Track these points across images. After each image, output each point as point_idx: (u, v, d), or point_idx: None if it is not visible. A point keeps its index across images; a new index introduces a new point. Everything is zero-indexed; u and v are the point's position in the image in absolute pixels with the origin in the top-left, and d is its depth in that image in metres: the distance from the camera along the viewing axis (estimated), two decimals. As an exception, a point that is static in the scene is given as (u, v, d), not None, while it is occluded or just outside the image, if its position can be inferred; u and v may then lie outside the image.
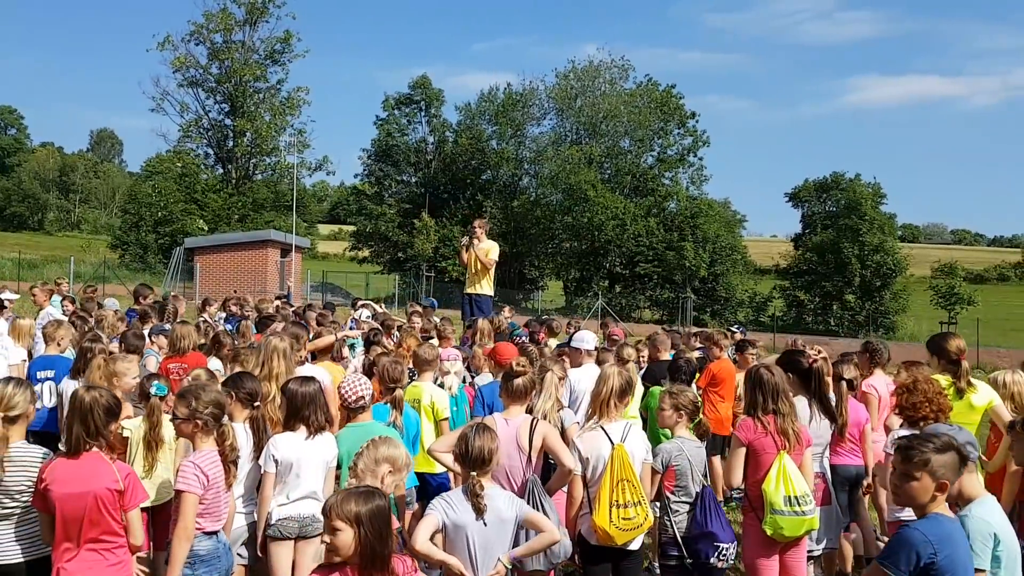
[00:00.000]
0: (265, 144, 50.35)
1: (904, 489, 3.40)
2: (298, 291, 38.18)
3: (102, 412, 4.22)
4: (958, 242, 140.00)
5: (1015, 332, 48.27)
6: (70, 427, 4.22)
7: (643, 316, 47.86)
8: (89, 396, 4.23)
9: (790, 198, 67.58)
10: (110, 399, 4.30)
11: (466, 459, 4.06)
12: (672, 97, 53.36)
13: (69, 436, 4.20)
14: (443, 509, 3.96)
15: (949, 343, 5.97)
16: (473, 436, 4.09)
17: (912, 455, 3.39)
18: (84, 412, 4.19)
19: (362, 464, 4.04)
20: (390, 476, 4.05)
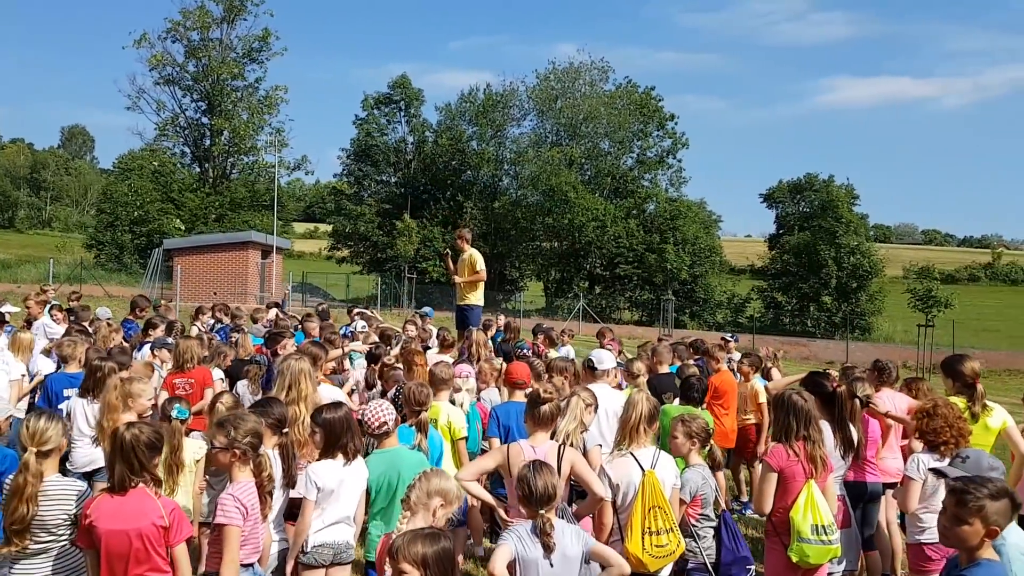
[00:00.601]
0: (243, 143, 49.95)
1: (955, 532, 3.43)
2: (280, 291, 38.01)
3: (144, 449, 4.20)
4: (929, 242, 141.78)
5: (986, 332, 49.15)
6: (112, 466, 4.20)
7: (623, 317, 48.08)
8: (130, 434, 4.20)
9: (765, 199, 68.29)
10: (151, 435, 4.27)
11: (531, 499, 4.02)
12: (651, 99, 53.63)
13: (112, 474, 4.18)
14: (514, 542, 3.94)
15: (964, 365, 6.04)
16: (534, 476, 4.05)
17: (967, 500, 3.42)
18: (127, 451, 4.16)
19: (415, 496, 4.02)
20: (442, 509, 4.04)
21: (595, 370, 6.83)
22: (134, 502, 4.12)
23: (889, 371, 6.86)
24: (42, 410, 4.81)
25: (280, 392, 5.85)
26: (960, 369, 6.02)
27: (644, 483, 4.84)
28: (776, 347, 26.58)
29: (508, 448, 4.97)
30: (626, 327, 39.54)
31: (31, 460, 4.33)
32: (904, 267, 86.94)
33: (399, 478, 5.06)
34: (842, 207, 51.30)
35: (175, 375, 7.96)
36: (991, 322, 56.77)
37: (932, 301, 32.61)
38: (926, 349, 31.65)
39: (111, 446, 4.29)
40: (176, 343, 8.36)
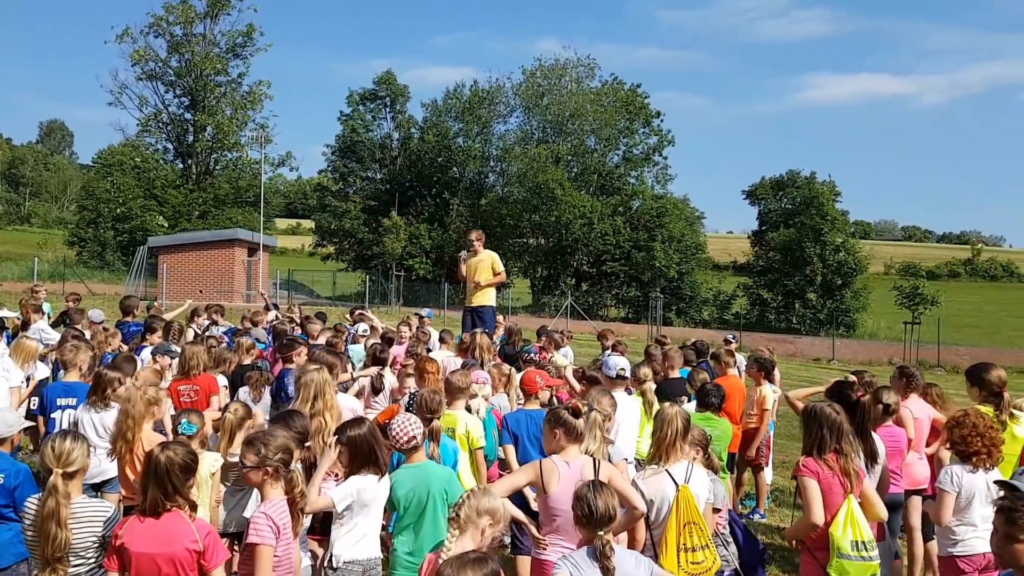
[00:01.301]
0: (226, 139, 49.61)
1: (1008, 551, 3.37)
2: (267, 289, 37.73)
3: (179, 471, 4.10)
4: (909, 239, 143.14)
5: (968, 328, 49.69)
6: (145, 488, 4.09)
7: (609, 314, 48.20)
8: (164, 456, 4.09)
9: (747, 195, 68.71)
10: (185, 456, 4.17)
11: (591, 520, 3.90)
12: (637, 96, 53.68)
13: (144, 497, 4.08)
14: (569, 570, 3.81)
15: (991, 374, 6.03)
16: (594, 496, 3.94)
17: (1016, 518, 3.36)
18: (161, 474, 4.06)
19: (464, 514, 3.94)
20: (490, 528, 3.98)
21: (618, 378, 6.77)
22: (167, 525, 4.03)
23: (916, 378, 6.79)
24: (66, 430, 4.69)
25: (304, 404, 5.76)
26: (987, 378, 6.01)
27: (679, 498, 4.78)
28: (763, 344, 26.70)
29: (541, 464, 4.85)
30: (613, 324, 39.57)
31: (59, 482, 4.22)
32: (885, 263, 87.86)
33: (428, 494, 4.98)
34: (826, 204, 51.65)
35: (180, 382, 7.81)
36: (971, 318, 57.44)
37: (919, 299, 32.86)
38: (911, 346, 31.94)
39: (144, 467, 4.19)
40: (183, 348, 8.20)
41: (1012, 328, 54.47)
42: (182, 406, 7.40)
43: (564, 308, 39.03)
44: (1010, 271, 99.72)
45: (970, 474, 5.07)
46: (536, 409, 6.62)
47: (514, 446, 6.37)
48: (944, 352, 34.73)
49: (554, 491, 4.70)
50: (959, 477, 5.08)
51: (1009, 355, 36.85)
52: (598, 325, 37.31)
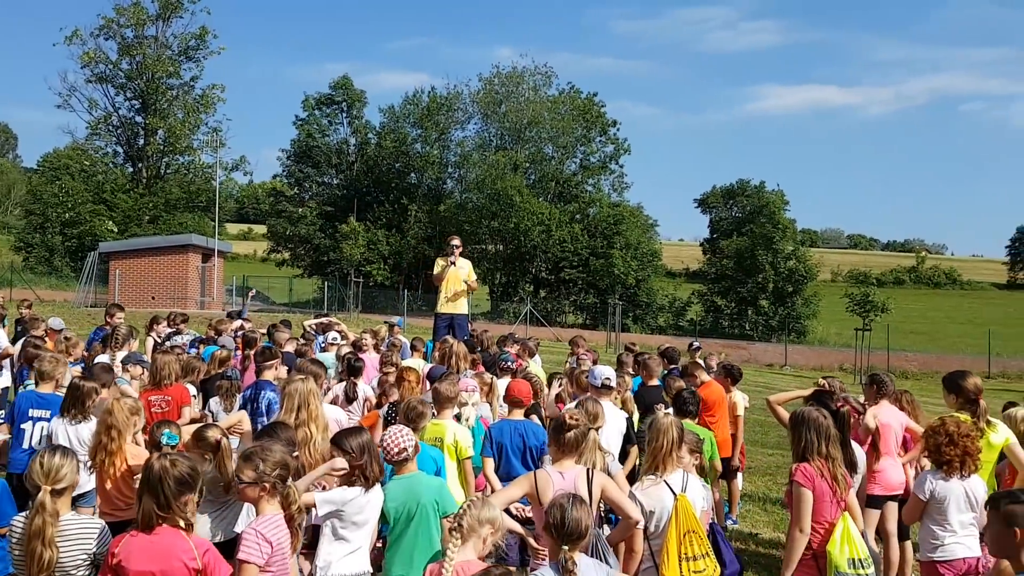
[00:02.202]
0: (178, 143, 48.78)
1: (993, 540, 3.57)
2: (220, 295, 37.13)
3: (173, 483, 3.95)
4: (854, 246, 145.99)
5: (914, 335, 50.96)
6: (140, 499, 3.98)
7: (567, 320, 48.44)
8: (159, 465, 3.97)
9: (699, 203, 69.80)
10: (185, 469, 4.03)
11: (559, 532, 3.84)
12: (594, 105, 54.16)
13: (139, 509, 3.97)
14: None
15: (967, 381, 6.17)
16: (570, 508, 3.88)
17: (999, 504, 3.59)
18: (154, 483, 3.93)
19: (467, 524, 3.98)
20: (491, 537, 4.04)
21: (603, 387, 6.83)
22: (164, 541, 3.91)
23: (887, 384, 6.93)
24: (55, 446, 4.56)
25: (289, 415, 5.70)
26: (963, 385, 6.15)
27: (677, 508, 4.83)
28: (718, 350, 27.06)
29: (535, 475, 4.88)
30: (571, 330, 39.81)
31: (46, 500, 4.10)
32: (833, 271, 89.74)
33: (419, 506, 4.96)
34: (777, 212, 52.68)
35: (151, 392, 7.64)
36: (917, 324, 58.89)
37: (869, 306, 33.69)
38: (862, 352, 32.70)
39: (142, 478, 4.10)
40: (154, 358, 8.04)
41: (956, 334, 56.03)
42: (154, 417, 7.23)
43: (523, 315, 39.12)
44: (953, 278, 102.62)
45: (944, 481, 5.19)
46: (520, 420, 6.65)
47: (498, 456, 6.37)
48: (893, 358, 35.62)
49: (549, 502, 4.74)
50: (933, 484, 5.20)
51: (955, 361, 37.89)
52: (557, 332, 37.51)
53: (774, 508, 9.99)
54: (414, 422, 5.96)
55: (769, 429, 14.74)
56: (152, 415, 7.30)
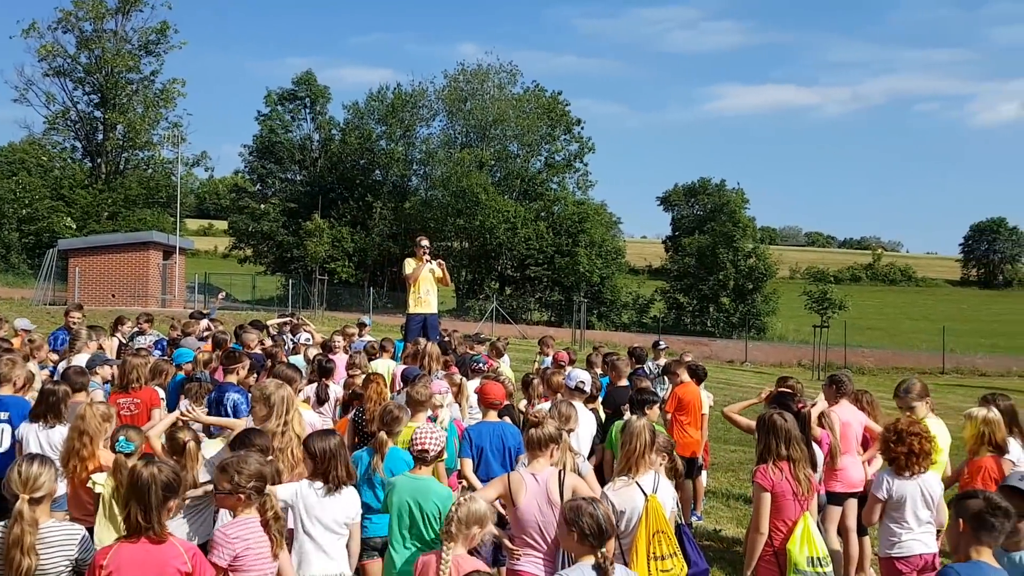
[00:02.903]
0: (138, 138, 48.00)
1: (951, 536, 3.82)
2: (182, 293, 36.68)
3: (160, 489, 3.99)
4: (812, 244, 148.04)
5: (870, 331, 52.01)
6: (127, 504, 4.02)
7: (533, 318, 48.66)
8: (148, 472, 4.01)
9: (661, 202, 70.56)
10: (169, 475, 4.09)
11: (599, 537, 3.88)
12: (558, 103, 54.42)
13: (127, 517, 4.01)
14: None
15: (915, 386, 6.48)
16: (598, 512, 3.94)
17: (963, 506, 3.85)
18: (142, 490, 3.96)
19: (455, 528, 4.14)
20: (480, 534, 4.23)
21: (577, 390, 6.99)
22: (155, 548, 3.95)
23: (845, 384, 7.15)
24: (33, 455, 4.56)
25: (277, 420, 5.75)
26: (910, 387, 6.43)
27: (647, 508, 4.96)
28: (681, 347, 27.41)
29: (509, 477, 4.99)
30: (537, 328, 40.01)
31: (24, 509, 4.09)
32: (791, 268, 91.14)
33: (422, 510, 5.01)
34: (737, 211, 53.43)
35: (119, 395, 7.58)
36: (873, 321, 60.05)
37: (827, 303, 34.39)
38: (820, 348, 33.38)
39: (127, 485, 4.14)
40: (124, 360, 7.98)
41: (911, 330, 57.30)
42: (122, 420, 7.15)
43: (489, 312, 39.23)
44: (908, 275, 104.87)
45: (902, 480, 5.38)
46: (497, 421, 6.77)
47: (478, 458, 6.46)
48: (850, 354, 36.40)
49: (522, 503, 4.84)
50: (891, 483, 5.39)
51: (910, 356, 38.90)
52: (522, 329, 37.68)
53: (737, 504, 10.22)
54: (389, 426, 6.02)
55: (731, 426, 15.02)
56: (121, 418, 7.24)
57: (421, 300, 12.25)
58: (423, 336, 11.55)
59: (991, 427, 5.52)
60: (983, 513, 3.85)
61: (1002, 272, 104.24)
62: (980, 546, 3.84)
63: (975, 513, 3.86)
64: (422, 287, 12.23)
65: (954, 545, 4.00)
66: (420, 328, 12.02)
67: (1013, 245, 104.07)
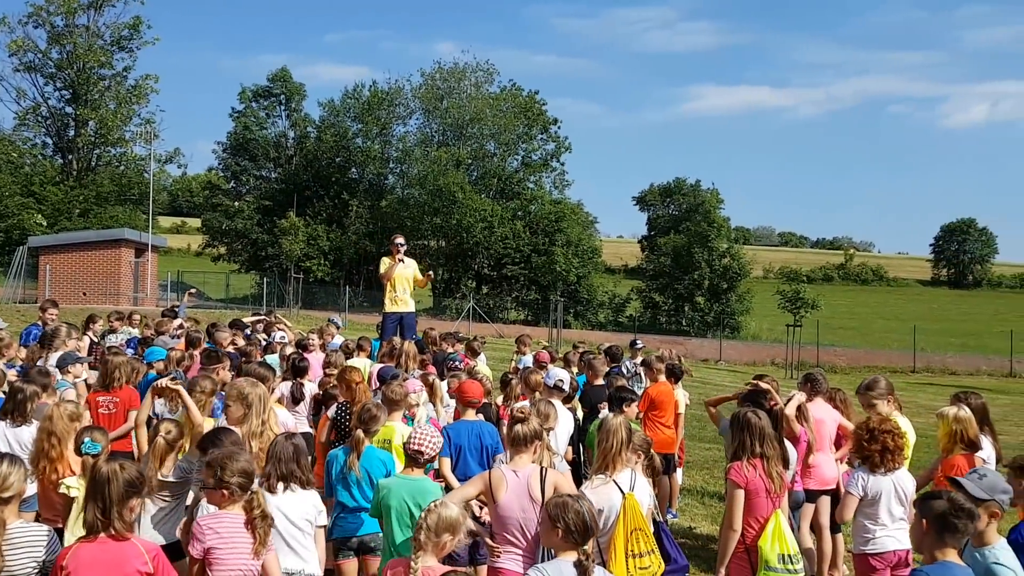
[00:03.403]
0: (110, 134, 47.44)
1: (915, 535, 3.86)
2: (155, 292, 36.31)
3: (122, 487, 3.93)
4: (785, 244, 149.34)
5: (842, 330, 52.61)
6: (86, 506, 3.97)
7: (509, 317, 48.72)
8: (108, 469, 3.95)
9: (637, 201, 70.96)
10: (133, 473, 4.02)
11: (581, 532, 3.92)
12: (535, 103, 54.50)
13: (86, 515, 3.96)
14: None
15: (880, 384, 6.56)
16: (583, 508, 3.97)
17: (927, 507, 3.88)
18: (101, 488, 3.91)
19: (423, 536, 3.99)
20: (451, 543, 4.06)
21: (556, 388, 7.01)
22: (115, 548, 3.89)
23: (820, 383, 7.22)
24: (2, 453, 4.50)
25: (256, 420, 5.71)
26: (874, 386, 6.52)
27: (625, 506, 4.99)
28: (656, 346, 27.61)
29: (490, 474, 5.00)
30: (513, 327, 40.04)
31: None
32: (764, 268, 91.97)
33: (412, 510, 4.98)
34: (712, 211, 53.83)
35: (99, 393, 7.50)
36: (845, 320, 60.72)
37: (800, 302, 34.76)
38: (793, 347, 33.75)
39: (88, 481, 4.10)
40: (107, 359, 7.90)
41: (883, 329, 57.99)
42: (100, 418, 7.20)
43: (466, 311, 39.21)
44: (880, 275, 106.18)
45: (876, 477, 5.43)
46: (475, 420, 6.77)
47: (456, 457, 6.46)
48: (822, 353, 36.82)
49: (503, 500, 4.84)
50: (865, 480, 5.44)
51: (882, 355, 39.44)
52: (499, 328, 37.70)
53: (712, 502, 10.30)
54: (367, 424, 6.00)
55: (706, 424, 15.11)
56: (99, 416, 7.24)
57: (397, 299, 12.22)
58: (399, 335, 11.55)
59: (963, 425, 5.58)
60: (947, 514, 3.86)
61: (972, 272, 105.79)
62: (944, 547, 3.86)
63: (939, 514, 3.88)
64: (398, 286, 12.20)
65: (917, 544, 4.04)
66: (396, 327, 11.99)
67: (983, 246, 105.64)
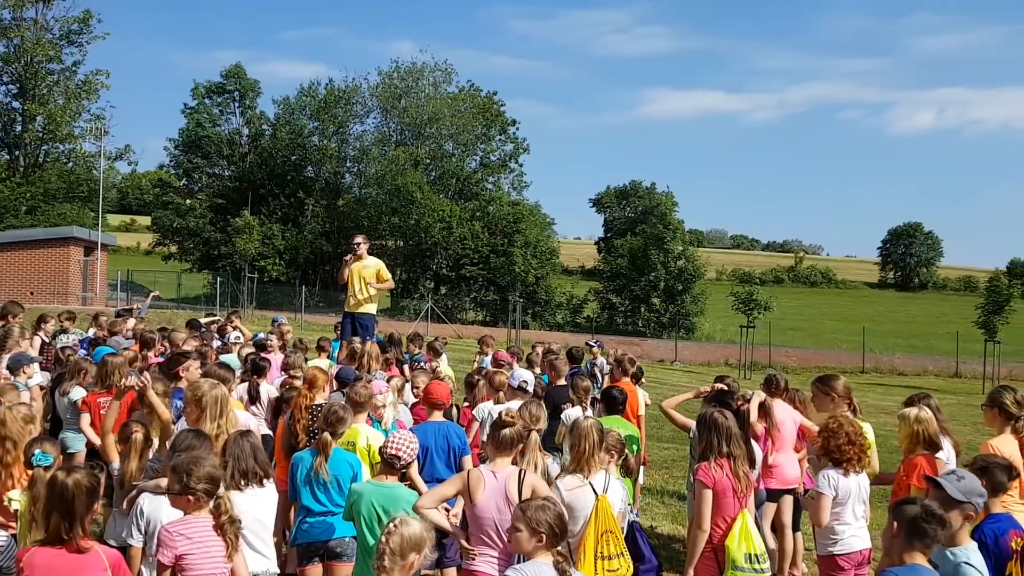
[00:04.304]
0: (59, 130, 46.19)
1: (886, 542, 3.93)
2: (104, 291, 35.52)
3: (86, 497, 3.93)
4: (737, 247, 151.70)
5: (793, 331, 53.58)
6: (48, 514, 3.91)
7: (467, 317, 48.67)
8: (72, 480, 3.92)
9: (594, 203, 71.54)
10: (91, 480, 4.01)
11: (561, 536, 3.94)
12: (493, 104, 54.53)
13: (47, 524, 3.91)
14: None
15: (837, 383, 6.63)
16: (560, 509, 4.00)
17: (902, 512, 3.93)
18: (67, 499, 3.88)
19: (388, 561, 3.72)
20: (417, 560, 3.83)
21: (520, 389, 7.01)
22: (74, 555, 3.87)
23: (778, 383, 7.37)
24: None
25: (213, 423, 5.61)
26: (835, 386, 6.59)
27: (597, 508, 5.01)
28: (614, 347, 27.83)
29: (468, 474, 4.98)
30: (472, 327, 40.01)
31: None
32: (717, 270, 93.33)
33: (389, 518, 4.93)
34: (668, 213, 54.46)
35: (99, 394, 7.43)
36: (795, 322, 61.85)
37: (754, 304, 35.32)
38: (746, 348, 34.32)
39: (48, 495, 4.01)
40: (104, 360, 7.72)
41: (831, 331, 59.19)
42: (101, 419, 7.08)
43: (424, 312, 39.07)
44: (828, 277, 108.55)
45: (844, 477, 5.54)
46: (441, 421, 6.74)
47: (423, 458, 6.40)
48: (774, 353, 37.49)
49: (480, 500, 4.81)
50: (835, 480, 5.52)
51: (832, 356, 40.25)
52: (458, 328, 37.65)
53: (672, 501, 10.40)
54: (333, 426, 5.94)
55: (663, 424, 15.18)
56: (100, 417, 7.16)
57: (351, 298, 12.11)
58: (355, 335, 11.50)
59: (923, 425, 5.69)
60: (918, 519, 3.92)
61: (918, 275, 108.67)
62: (913, 551, 3.92)
63: (911, 519, 3.94)
64: (355, 286, 12.09)
65: (887, 546, 4.10)
66: (350, 327, 11.90)
67: (928, 249, 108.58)
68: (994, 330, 32.01)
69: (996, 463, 4.82)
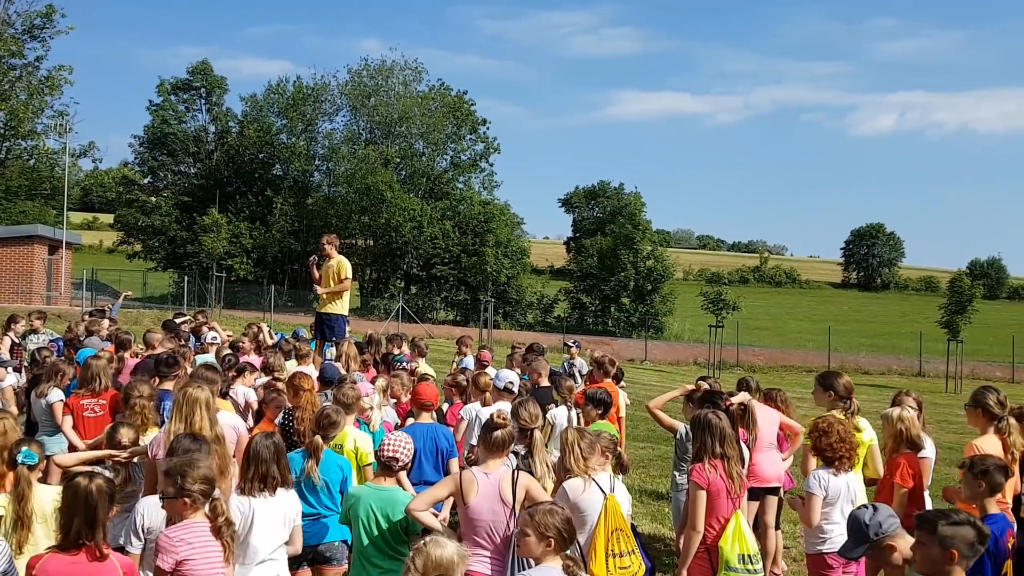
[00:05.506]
0: (21, 126, 45.29)
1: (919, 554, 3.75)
2: (68, 290, 34.94)
3: (106, 501, 3.94)
4: (703, 247, 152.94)
5: (759, 331, 54.17)
6: (69, 519, 3.89)
7: (438, 317, 48.55)
8: (95, 485, 3.92)
9: (563, 203, 71.79)
10: (110, 485, 4.03)
11: (570, 540, 3.96)
12: (464, 103, 54.43)
13: (68, 529, 3.88)
14: None
15: (840, 380, 6.68)
16: (566, 512, 4.03)
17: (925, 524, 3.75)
18: (91, 505, 3.87)
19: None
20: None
21: (505, 390, 7.04)
22: (89, 561, 3.85)
23: (750, 385, 7.45)
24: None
25: (180, 424, 5.53)
26: (836, 384, 6.64)
27: (606, 507, 5.04)
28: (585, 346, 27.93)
29: (461, 476, 4.97)
30: (443, 327, 39.94)
31: None
32: (684, 270, 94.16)
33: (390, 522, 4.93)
34: (637, 214, 54.80)
35: (82, 396, 7.34)
36: (761, 321, 62.54)
37: (722, 304, 35.67)
38: (715, 347, 34.70)
39: (68, 497, 3.98)
40: (87, 362, 7.63)
41: (796, 330, 60.01)
42: (86, 422, 7.18)
43: (395, 311, 38.90)
44: (793, 278, 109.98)
45: (834, 477, 5.63)
46: (430, 423, 6.74)
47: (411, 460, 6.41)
48: (742, 353, 37.94)
49: (473, 502, 4.80)
50: (826, 480, 5.61)
51: (798, 355, 40.76)
52: (429, 328, 37.53)
53: (649, 500, 10.47)
54: (326, 430, 5.90)
55: (639, 423, 15.36)
56: (83, 420, 7.22)
57: (323, 300, 12.02)
58: (323, 336, 11.46)
59: (906, 424, 5.81)
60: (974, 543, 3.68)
61: (880, 275, 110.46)
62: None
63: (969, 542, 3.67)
64: (322, 287, 12.03)
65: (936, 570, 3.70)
66: (321, 328, 11.86)
67: (890, 250, 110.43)
68: (957, 330, 32.64)
69: (995, 464, 4.90)
